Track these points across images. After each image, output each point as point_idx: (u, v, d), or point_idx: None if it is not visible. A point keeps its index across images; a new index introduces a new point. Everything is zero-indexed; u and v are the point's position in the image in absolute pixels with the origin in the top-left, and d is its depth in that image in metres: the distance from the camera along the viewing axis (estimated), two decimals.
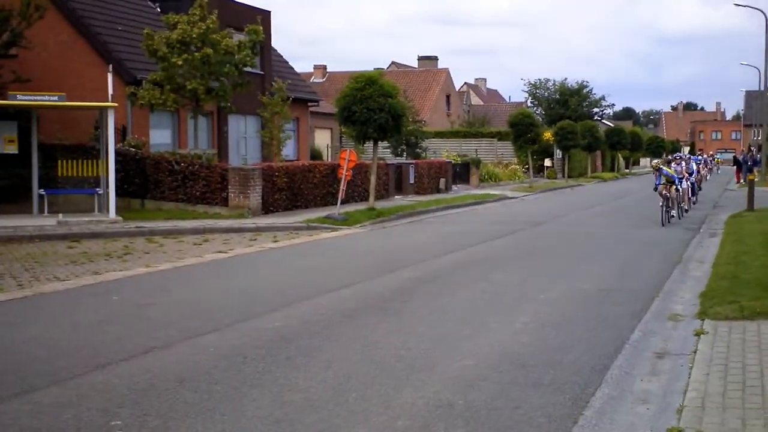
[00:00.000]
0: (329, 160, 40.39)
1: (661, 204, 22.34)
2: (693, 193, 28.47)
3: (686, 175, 26.00)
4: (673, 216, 22.70)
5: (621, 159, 71.30)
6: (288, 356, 8.10)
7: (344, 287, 12.16)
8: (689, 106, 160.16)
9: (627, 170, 73.67)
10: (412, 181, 34.01)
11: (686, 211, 25.08)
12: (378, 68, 63.48)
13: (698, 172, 33.97)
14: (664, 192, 22.22)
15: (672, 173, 23.24)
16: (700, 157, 47.66)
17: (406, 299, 11.27)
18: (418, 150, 45.33)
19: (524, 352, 8.34)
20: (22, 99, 20.34)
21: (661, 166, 23.59)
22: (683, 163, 27.37)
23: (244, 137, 33.38)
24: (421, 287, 12.41)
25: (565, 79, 75.35)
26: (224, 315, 10.07)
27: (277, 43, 42.65)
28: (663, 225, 21.46)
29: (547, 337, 9.05)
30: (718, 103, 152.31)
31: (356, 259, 16.01)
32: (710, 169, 49.64)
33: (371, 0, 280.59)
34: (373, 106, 23.60)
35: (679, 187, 23.40)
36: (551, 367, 7.75)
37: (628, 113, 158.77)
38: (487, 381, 7.31)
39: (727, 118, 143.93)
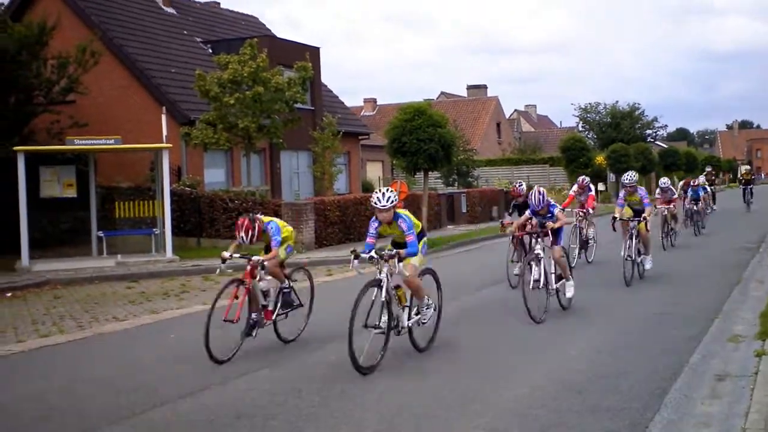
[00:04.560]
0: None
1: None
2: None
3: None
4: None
5: (677, 180, 70.24)
6: (342, 389, 8.11)
7: None
8: (745, 124, 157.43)
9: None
10: (464, 211, 33.94)
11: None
12: (427, 99, 63.79)
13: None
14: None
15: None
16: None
17: (459, 329, 11.22)
18: (469, 179, 45.31)
19: (580, 378, 8.25)
20: (80, 143, 20.82)
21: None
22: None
23: (296, 173, 33.71)
24: (475, 316, 12.37)
25: (616, 102, 74.87)
26: (279, 350, 10.14)
27: (326, 78, 43.28)
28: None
29: (604, 363, 8.93)
30: None
31: None
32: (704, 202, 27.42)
33: (419, 32, 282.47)
34: (423, 136, 23.66)
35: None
36: (608, 393, 7.65)
37: (682, 134, 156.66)
38: (543, 409, 7.25)
39: None
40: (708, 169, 41.57)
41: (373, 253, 9.19)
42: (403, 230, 9.40)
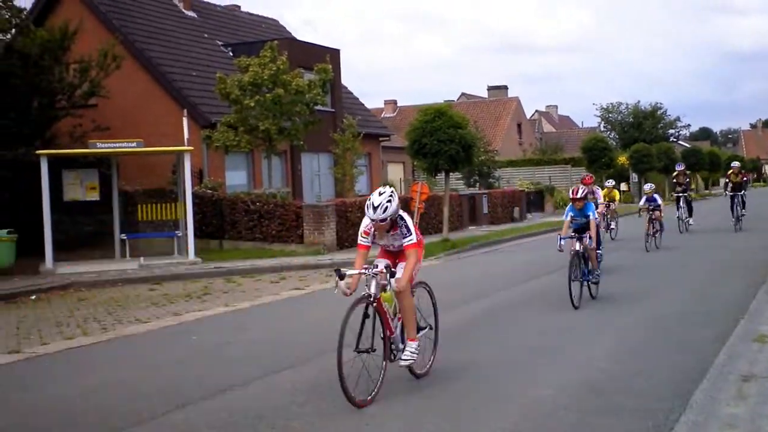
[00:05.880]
0: (402, 193, 40.54)
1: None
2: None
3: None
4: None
5: (700, 180, 69.87)
6: None
7: None
8: None
9: (707, 191, 72.13)
10: (485, 211, 33.87)
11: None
12: (448, 100, 63.72)
13: None
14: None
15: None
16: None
17: (481, 330, 11.19)
18: (490, 180, 45.21)
19: (604, 379, 8.19)
20: (102, 147, 20.95)
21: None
22: None
23: (317, 174, 33.77)
24: (497, 317, 12.32)
25: (638, 101, 74.56)
26: (301, 351, 10.14)
27: (346, 80, 43.23)
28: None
29: (628, 363, 8.86)
30: None
31: None
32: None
33: (439, 33, 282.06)
34: (443, 137, 23.65)
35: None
36: (632, 394, 7.58)
37: (705, 133, 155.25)
38: (566, 410, 7.19)
39: None
40: (679, 168, 28.04)
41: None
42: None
